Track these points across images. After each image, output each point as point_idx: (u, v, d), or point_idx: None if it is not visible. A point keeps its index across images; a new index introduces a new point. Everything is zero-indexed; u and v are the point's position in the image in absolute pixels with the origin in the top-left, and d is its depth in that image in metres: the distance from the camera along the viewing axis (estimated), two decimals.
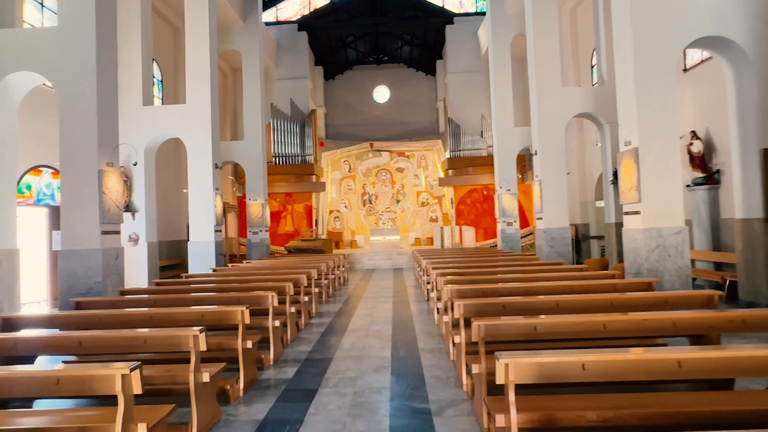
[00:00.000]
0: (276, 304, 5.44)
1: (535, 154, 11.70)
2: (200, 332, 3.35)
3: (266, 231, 15.99)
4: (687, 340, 4.07)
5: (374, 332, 6.72)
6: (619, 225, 11.17)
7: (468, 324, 4.36)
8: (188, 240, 11.84)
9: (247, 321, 4.41)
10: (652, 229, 6.82)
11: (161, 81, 14.92)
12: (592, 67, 14.62)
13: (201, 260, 11.54)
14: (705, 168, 9.15)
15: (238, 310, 4.34)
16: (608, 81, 11.48)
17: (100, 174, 7.14)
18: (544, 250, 11.41)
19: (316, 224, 21.53)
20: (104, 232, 7.19)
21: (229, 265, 10.65)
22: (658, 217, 6.80)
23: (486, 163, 19.10)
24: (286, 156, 19.31)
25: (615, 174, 11.23)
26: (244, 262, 11.55)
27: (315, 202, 21.47)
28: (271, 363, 5.30)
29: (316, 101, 23.33)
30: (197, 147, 11.67)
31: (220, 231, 12.05)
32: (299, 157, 19.46)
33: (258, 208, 15.78)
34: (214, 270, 9.55)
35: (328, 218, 23.49)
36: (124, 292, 6.20)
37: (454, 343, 4.89)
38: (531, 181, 19.77)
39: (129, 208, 11.53)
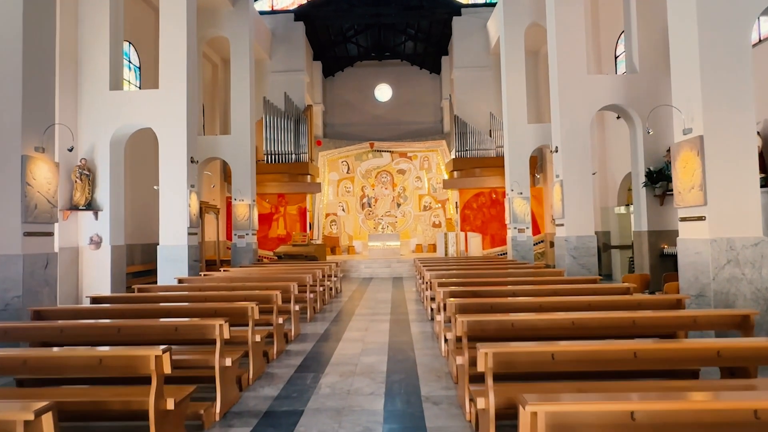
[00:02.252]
0: (227, 335, 3.97)
1: (556, 151, 10.25)
2: (39, 414, 1.88)
3: (253, 234, 14.54)
4: None
5: (364, 368, 5.23)
6: (654, 234, 9.72)
7: (497, 377, 2.90)
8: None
9: (167, 370, 2.94)
10: (720, 239, 5.34)
11: (139, 68, 13.54)
12: (616, 57, 13.18)
13: (172, 267, 10.09)
14: (765, 167, 7.68)
15: (149, 354, 2.87)
16: (641, 69, 10.04)
17: (24, 160, 5.70)
18: (565, 261, 9.93)
19: (311, 228, 20.09)
20: (28, 234, 5.74)
21: (202, 273, 9.22)
22: (730, 224, 5.33)
23: (494, 164, 17.65)
24: (278, 154, 17.90)
25: (648, 175, 9.78)
26: (222, 269, 10.11)
27: (310, 204, 20.04)
28: (217, 419, 3.82)
29: (314, 98, 21.96)
30: (170, 138, 10.25)
31: (196, 234, 10.61)
32: (293, 156, 18.03)
33: (244, 209, 14.34)
34: (180, 281, 8.10)
35: (324, 222, 22.05)
36: (38, 314, 4.75)
37: (473, 399, 3.42)
38: (542, 184, 18.34)
39: (91, 206, 10.10)
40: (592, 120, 10.42)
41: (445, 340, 5.56)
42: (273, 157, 17.87)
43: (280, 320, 5.88)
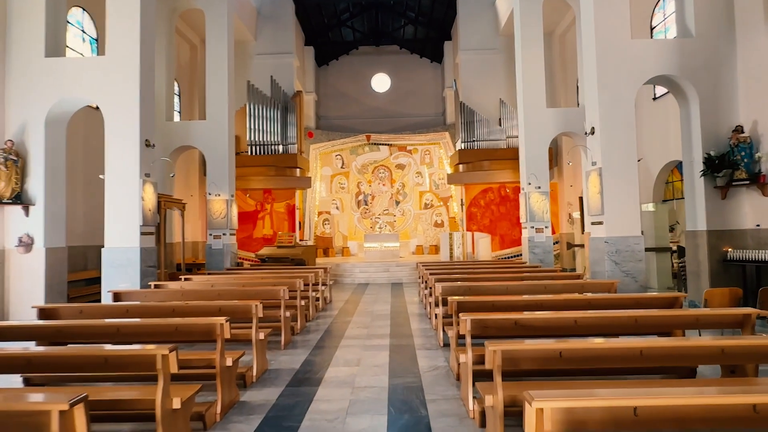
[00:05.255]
0: (84, 428, 2.08)
1: (592, 133, 8.40)
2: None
3: (231, 234, 12.64)
4: None
5: None
6: (714, 234, 7.87)
7: None
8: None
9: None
10: None
11: (96, 40, 11.61)
12: (652, 29, 11.35)
13: (120, 274, 8.20)
14: None
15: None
16: (698, 32, 8.19)
17: None
18: (605, 267, 8.07)
19: (301, 227, 18.20)
20: None
21: (152, 284, 7.33)
22: None
23: (505, 156, 15.82)
24: (264, 145, 16.01)
25: (707, 162, 7.94)
26: (183, 278, 8.21)
27: (300, 201, 18.15)
28: None
29: (305, 86, 20.08)
30: (119, 116, 8.35)
31: (152, 234, 8.71)
32: (280, 147, 16.15)
33: (221, 205, 12.45)
34: (116, 296, 6.20)
35: (316, 221, 20.16)
36: None
37: None
38: (556, 179, 16.51)
39: (20, 199, 8.19)
40: (637, 95, 8.53)
41: (474, 392, 3.71)
42: (258, 148, 15.99)
43: (229, 361, 3.99)
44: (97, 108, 9.24)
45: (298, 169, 16.35)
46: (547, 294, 5.51)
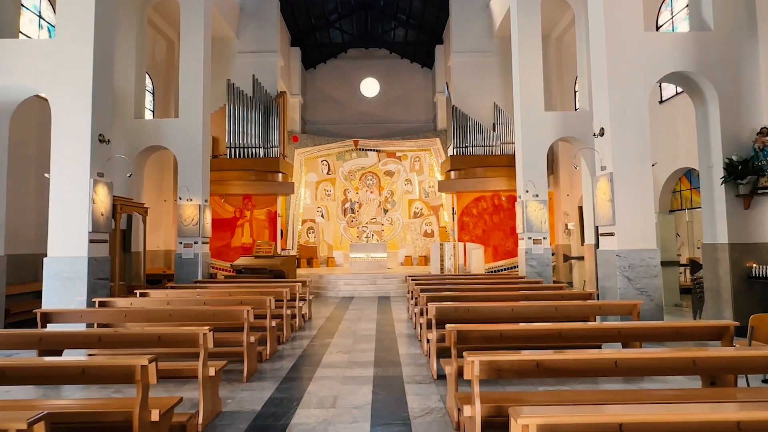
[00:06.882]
0: None
1: (601, 134, 7.58)
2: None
3: (204, 243, 11.58)
4: None
5: None
6: (736, 248, 7.06)
7: None
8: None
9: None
10: None
11: (54, 26, 10.55)
12: (658, 27, 10.68)
13: (64, 288, 7.12)
14: None
15: None
16: (717, 25, 7.45)
17: None
18: (616, 284, 7.20)
19: (283, 236, 17.16)
20: None
21: (96, 302, 6.27)
22: None
23: (499, 163, 15.05)
24: (244, 148, 15.02)
25: (729, 167, 7.16)
26: (138, 293, 7.14)
27: (282, 208, 17.13)
28: None
29: (291, 89, 19.15)
30: (67, 106, 7.31)
31: (105, 242, 7.64)
32: (261, 150, 15.17)
33: (192, 210, 11.39)
34: (44, 320, 5.14)
35: (300, 229, 19.12)
36: None
37: None
38: (552, 187, 15.76)
39: None
40: (650, 93, 7.74)
41: None
42: (237, 151, 14.99)
43: (155, 414, 2.97)
44: None
45: (280, 174, 15.36)
46: (562, 321, 4.59)
